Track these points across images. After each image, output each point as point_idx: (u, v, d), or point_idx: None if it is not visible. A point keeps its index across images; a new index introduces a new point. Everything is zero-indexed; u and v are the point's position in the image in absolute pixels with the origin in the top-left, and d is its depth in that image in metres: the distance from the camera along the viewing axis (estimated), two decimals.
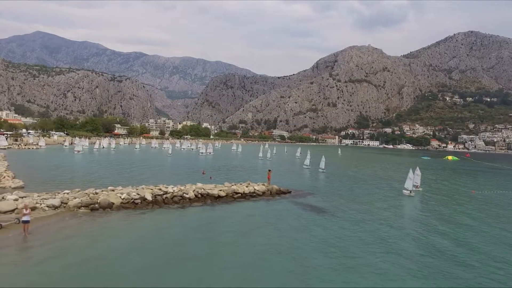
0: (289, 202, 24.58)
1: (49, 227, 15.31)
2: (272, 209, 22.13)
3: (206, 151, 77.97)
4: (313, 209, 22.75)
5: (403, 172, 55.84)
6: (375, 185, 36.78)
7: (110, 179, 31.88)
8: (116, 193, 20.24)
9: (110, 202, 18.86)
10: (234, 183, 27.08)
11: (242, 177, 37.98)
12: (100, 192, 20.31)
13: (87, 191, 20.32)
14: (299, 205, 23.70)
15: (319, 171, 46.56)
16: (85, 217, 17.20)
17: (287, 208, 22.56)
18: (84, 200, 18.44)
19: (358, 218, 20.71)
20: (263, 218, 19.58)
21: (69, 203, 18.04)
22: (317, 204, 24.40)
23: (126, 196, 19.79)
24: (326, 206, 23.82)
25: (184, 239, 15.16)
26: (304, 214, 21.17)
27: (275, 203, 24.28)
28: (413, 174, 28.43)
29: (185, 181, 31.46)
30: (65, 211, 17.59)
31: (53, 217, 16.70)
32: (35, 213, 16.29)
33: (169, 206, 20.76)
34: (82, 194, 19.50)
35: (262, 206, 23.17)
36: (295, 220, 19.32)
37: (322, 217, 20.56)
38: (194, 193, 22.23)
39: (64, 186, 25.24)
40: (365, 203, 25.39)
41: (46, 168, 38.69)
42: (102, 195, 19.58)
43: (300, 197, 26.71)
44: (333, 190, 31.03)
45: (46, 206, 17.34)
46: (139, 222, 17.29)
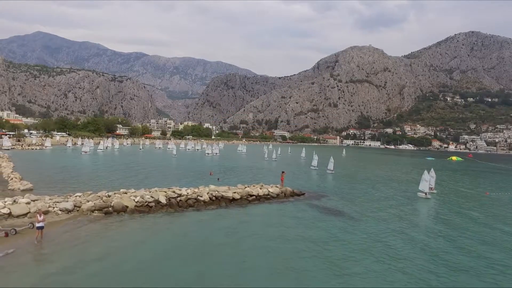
0: (305, 205, 23.94)
1: (64, 232, 14.61)
2: (289, 212, 21.48)
3: (212, 152, 77.18)
4: (330, 212, 22.12)
5: (413, 173, 55.39)
6: (387, 187, 36.11)
7: (120, 180, 31.29)
8: (129, 196, 19.59)
9: (124, 205, 18.22)
10: (247, 185, 26.43)
11: (250, 178, 37.37)
12: (113, 195, 19.66)
13: (100, 193, 19.66)
14: (316, 208, 23.07)
15: (327, 172, 45.90)
16: (100, 222, 16.53)
17: (304, 211, 21.92)
18: (97, 204, 17.80)
19: (379, 221, 20.07)
20: (282, 222, 18.95)
21: (83, 207, 17.40)
22: (333, 206, 23.77)
23: (140, 199, 19.13)
24: (343, 208, 23.19)
25: (207, 245, 14.51)
26: (322, 217, 20.53)
27: (291, 205, 23.64)
28: (429, 176, 27.73)
29: (194, 183, 30.89)
30: (78, 215, 16.94)
31: (66, 221, 16.03)
32: (48, 217, 15.66)
33: (184, 209, 20.12)
34: (95, 197, 18.85)
35: (278, 209, 22.53)
36: (315, 224, 18.69)
37: (342, 220, 19.93)
38: (208, 195, 21.59)
39: (74, 188, 24.66)
40: (382, 206, 24.74)
41: (53, 169, 38.06)
42: (115, 198, 18.93)
43: (315, 199, 26.08)
44: (346, 192, 30.39)
45: (59, 209, 16.69)
46: (156, 227, 16.62)
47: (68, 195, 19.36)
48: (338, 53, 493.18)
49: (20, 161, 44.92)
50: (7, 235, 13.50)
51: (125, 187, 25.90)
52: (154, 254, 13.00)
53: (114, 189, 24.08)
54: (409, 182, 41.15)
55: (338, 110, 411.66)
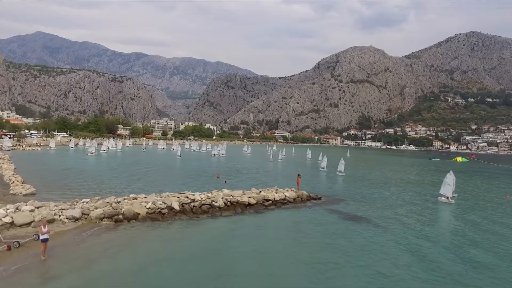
0: (324, 210, 22.59)
1: (72, 244, 13.18)
2: (309, 218, 20.13)
3: (218, 153, 75.56)
4: (351, 218, 20.77)
5: (424, 175, 54.04)
6: (404, 190, 34.69)
7: (126, 184, 29.88)
8: (140, 201, 18.21)
9: (135, 212, 16.85)
10: (261, 189, 25.07)
11: (258, 181, 36.03)
12: (122, 200, 18.25)
13: (108, 199, 18.26)
14: (335, 214, 21.71)
15: (338, 174, 44.53)
16: (110, 232, 15.12)
17: (324, 217, 20.59)
18: (106, 211, 16.42)
19: (406, 228, 18.72)
20: (304, 229, 17.64)
21: (91, 215, 16.02)
22: (353, 212, 22.43)
23: (152, 205, 17.75)
24: (364, 214, 21.86)
25: (228, 256, 13.17)
26: (344, 224, 19.20)
27: (309, 211, 22.30)
28: (452, 179, 26.31)
29: (201, 186, 29.56)
30: (86, 223, 15.54)
31: (74, 231, 14.60)
32: (54, 226, 14.31)
33: (198, 216, 18.72)
34: (104, 203, 17.45)
35: (296, 214, 21.17)
36: (338, 232, 17.37)
37: (366, 227, 18.58)
38: (223, 201, 20.24)
39: (80, 193, 23.29)
40: (405, 212, 23.37)
41: (56, 171, 36.65)
42: (125, 204, 17.55)
43: (332, 204, 24.74)
44: (363, 196, 29.04)
45: (66, 218, 15.32)
46: (172, 237, 15.22)
47: (75, 201, 17.97)
48: (339, 53, 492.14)
49: (21, 162, 43.54)
50: (9, 249, 12.12)
51: (133, 191, 24.58)
52: (173, 269, 11.63)
53: (122, 193, 22.74)
54: (424, 185, 39.81)
55: (339, 111, 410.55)
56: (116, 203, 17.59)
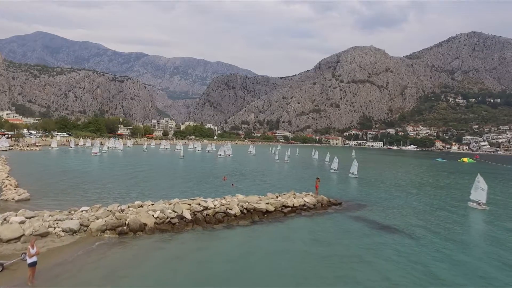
0: (347, 217, 20.47)
1: (68, 265, 11.02)
2: (334, 227, 18.00)
3: (224, 153, 73.36)
4: (378, 227, 18.65)
5: (440, 177, 51.42)
6: (426, 194, 32.43)
7: (129, 187, 27.65)
8: (146, 210, 16.06)
9: (141, 223, 14.72)
10: (277, 193, 22.94)
11: (268, 183, 33.92)
12: (127, 208, 16.09)
13: (111, 207, 16.09)
14: (361, 222, 19.58)
15: (351, 176, 42.36)
16: (114, 247, 12.94)
17: (350, 226, 18.45)
18: (109, 221, 14.29)
19: (443, 240, 16.62)
20: (331, 240, 15.58)
21: (91, 226, 13.87)
22: (379, 219, 20.29)
23: (160, 214, 15.61)
24: (392, 222, 19.74)
25: (254, 276, 11.11)
26: (374, 233, 17.10)
27: (332, 218, 20.18)
28: (484, 183, 24.16)
29: (208, 190, 27.43)
30: (86, 237, 13.38)
31: (71, 247, 12.39)
32: (48, 241, 12.19)
33: (212, 225, 16.59)
34: (106, 212, 15.28)
35: (319, 222, 19.03)
36: (370, 243, 15.34)
37: (397, 238, 16.47)
38: (239, 208, 18.12)
39: (79, 199, 21.13)
40: (436, 220, 21.18)
41: (54, 173, 34.40)
42: (130, 213, 15.43)
43: (355, 210, 22.63)
44: (385, 201, 26.91)
45: (62, 230, 13.19)
46: (186, 252, 13.08)
47: (73, 209, 15.80)
48: (340, 53, 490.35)
49: (18, 163, 41.38)
50: None
51: (137, 196, 22.48)
52: None
53: (125, 198, 20.64)
54: (446, 188, 37.58)
55: (340, 111, 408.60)
56: (120, 212, 15.46)
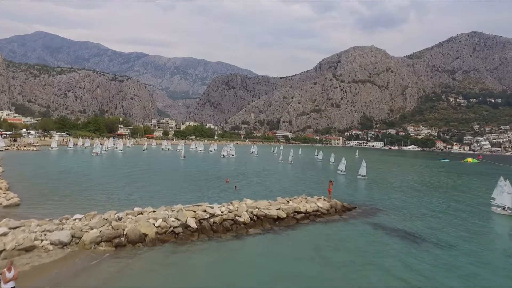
0: (365, 224, 18.81)
1: (54, 286, 9.41)
2: (352, 236, 16.36)
3: (228, 154, 71.58)
4: (399, 235, 17.01)
5: (454, 178, 49.49)
6: (441, 197, 30.61)
7: (128, 191, 25.91)
8: (147, 218, 14.40)
9: (141, 233, 13.07)
10: (288, 198, 21.29)
11: (273, 185, 32.23)
12: (125, 216, 14.42)
13: (107, 215, 14.40)
14: (380, 229, 17.93)
15: (359, 178, 40.63)
16: (109, 262, 11.27)
17: (369, 234, 16.82)
18: (104, 232, 12.63)
19: (471, 251, 15.04)
20: (351, 251, 13.97)
21: (84, 238, 12.19)
22: (398, 226, 18.65)
23: (163, 223, 13.96)
24: (412, 229, 18.09)
25: None
26: (396, 243, 15.50)
27: (348, 225, 18.52)
28: (510, 186, 22.49)
29: (211, 193, 25.79)
30: (78, 251, 11.69)
31: (60, 263, 10.68)
32: (33, 256, 10.56)
33: (220, 235, 14.96)
34: (101, 221, 13.61)
35: (335, 230, 17.38)
36: (393, 255, 13.75)
37: (423, 248, 14.88)
38: (248, 215, 16.48)
39: (74, 204, 19.47)
40: (459, 226, 19.52)
41: (49, 175, 32.68)
42: (129, 221, 13.77)
43: (371, 216, 20.98)
44: (400, 205, 25.26)
45: (50, 243, 11.55)
46: (192, 269, 11.41)
47: (64, 218, 14.13)
48: (340, 53, 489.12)
49: (12, 164, 39.73)
50: None
51: (136, 200, 20.83)
52: None
53: (123, 204, 18.99)
54: (462, 191, 35.81)
55: (340, 111, 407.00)
56: (117, 221, 13.79)
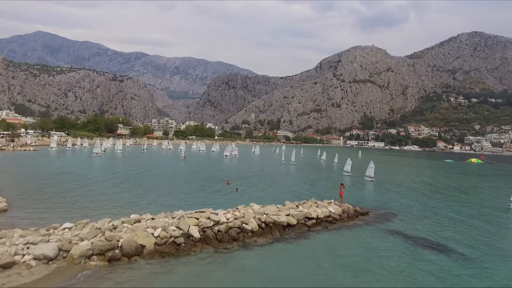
0: (380, 231, 17.34)
1: None
2: (370, 244, 14.86)
3: (230, 154, 69.88)
4: (420, 243, 15.57)
5: (463, 180, 47.91)
6: (455, 200, 29.14)
7: (125, 195, 24.42)
8: (145, 226, 12.92)
9: (138, 245, 11.60)
10: (297, 202, 19.83)
11: (279, 188, 30.75)
12: (120, 225, 12.90)
13: (100, 223, 12.88)
14: (399, 237, 16.45)
15: (367, 179, 39.10)
16: (101, 280, 9.82)
17: (387, 242, 15.36)
18: (96, 244, 11.16)
19: (501, 261, 13.64)
20: (370, 263, 12.52)
21: (73, 251, 10.71)
22: (416, 233, 17.19)
23: (162, 233, 12.45)
24: (431, 236, 16.66)
25: None
26: (418, 252, 14.07)
27: (364, 232, 17.04)
28: None
29: (212, 197, 24.35)
30: (65, 266, 10.19)
31: (42, 283, 9.18)
32: (12, 274, 9.13)
33: (226, 245, 13.45)
34: (93, 230, 12.09)
35: (351, 238, 15.91)
36: (417, 266, 12.32)
37: (448, 259, 13.48)
38: (256, 222, 15.03)
39: (65, 210, 18.02)
40: (480, 233, 18.11)
41: (43, 177, 31.16)
42: (125, 231, 12.29)
43: (385, 221, 19.50)
44: (412, 208, 23.82)
45: (34, 258, 10.11)
46: (198, 285, 9.98)
47: (52, 227, 12.62)
48: (341, 52, 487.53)
49: (6, 166, 38.30)
50: None
51: (134, 206, 19.36)
52: None
53: (120, 210, 17.55)
54: (472, 193, 34.39)
55: (341, 111, 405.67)
56: (112, 230, 12.31)
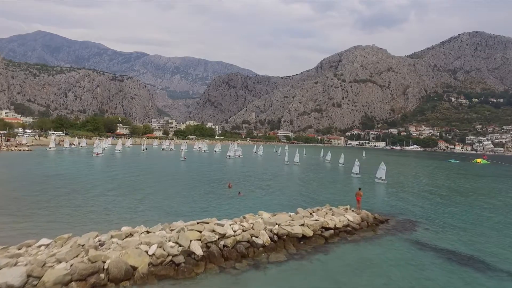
0: (405, 242, 15.23)
1: None
2: (398, 259, 12.76)
3: (234, 154, 67.59)
4: (455, 257, 13.54)
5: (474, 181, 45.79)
6: (476, 204, 26.87)
7: (119, 202, 22.12)
8: (137, 242, 10.76)
9: (128, 267, 9.48)
10: (310, 209, 17.73)
11: (285, 192, 28.64)
12: (108, 240, 10.75)
13: (84, 238, 10.66)
14: (426, 248, 14.32)
15: (378, 181, 36.95)
16: None
17: (416, 256, 13.29)
18: (77, 267, 8.99)
19: None
20: (408, 282, 10.51)
21: (45, 278, 8.49)
22: (446, 244, 15.15)
23: (158, 250, 10.34)
24: (465, 248, 14.65)
25: None
26: (454, 269, 12.08)
27: (388, 244, 14.96)
28: None
29: (213, 202, 22.29)
30: None
31: None
32: None
33: (234, 263, 11.35)
34: (74, 248, 9.86)
35: (377, 252, 13.75)
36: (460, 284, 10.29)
37: (488, 275, 11.49)
38: (267, 233, 12.97)
39: (48, 219, 15.93)
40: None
41: (32, 180, 29.06)
42: (113, 248, 10.14)
43: (408, 230, 17.42)
44: (434, 214, 21.75)
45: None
46: None
47: (26, 244, 10.45)
48: (342, 52, 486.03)
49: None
50: None
51: (127, 214, 17.29)
52: None
53: (110, 220, 15.47)
54: (493, 196, 32.12)
55: (341, 110, 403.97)
56: (97, 248, 10.18)
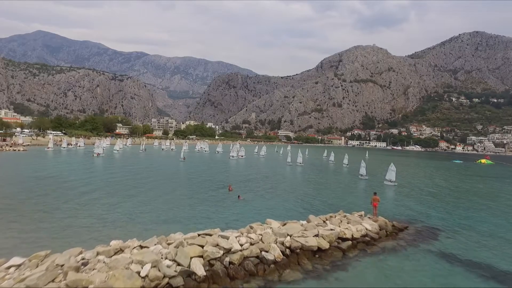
0: (429, 253, 13.52)
1: None
2: (425, 275, 11.20)
3: (237, 155, 66.04)
4: (491, 273, 12.01)
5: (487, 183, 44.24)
6: (496, 208, 25.42)
7: (111, 209, 20.28)
8: (128, 261, 9.00)
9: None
10: (322, 216, 16.06)
11: (291, 195, 26.91)
12: (93, 258, 9.03)
13: (64, 257, 8.86)
14: (455, 261, 12.72)
15: (387, 184, 35.25)
16: None
17: (444, 269, 11.72)
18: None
19: None
20: None
21: None
22: (473, 256, 13.53)
23: (152, 271, 8.64)
24: (497, 260, 13.11)
25: None
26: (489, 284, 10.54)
27: (410, 255, 13.33)
28: None
29: (213, 207, 20.67)
30: None
31: None
32: None
33: (241, 284, 9.71)
34: (51, 271, 8.05)
35: (401, 266, 12.13)
36: None
37: None
38: (279, 247, 11.33)
39: (30, 230, 14.22)
40: None
41: (21, 183, 27.42)
42: (99, 267, 8.40)
43: (430, 239, 15.78)
44: (454, 220, 20.12)
45: None
46: None
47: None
48: (342, 52, 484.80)
49: None
50: None
51: (118, 223, 15.66)
52: None
53: (99, 230, 13.87)
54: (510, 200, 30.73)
55: (342, 110, 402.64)
56: (79, 269, 8.47)
